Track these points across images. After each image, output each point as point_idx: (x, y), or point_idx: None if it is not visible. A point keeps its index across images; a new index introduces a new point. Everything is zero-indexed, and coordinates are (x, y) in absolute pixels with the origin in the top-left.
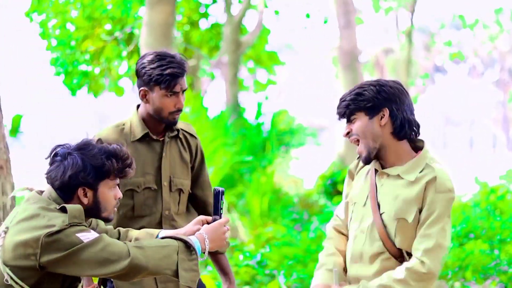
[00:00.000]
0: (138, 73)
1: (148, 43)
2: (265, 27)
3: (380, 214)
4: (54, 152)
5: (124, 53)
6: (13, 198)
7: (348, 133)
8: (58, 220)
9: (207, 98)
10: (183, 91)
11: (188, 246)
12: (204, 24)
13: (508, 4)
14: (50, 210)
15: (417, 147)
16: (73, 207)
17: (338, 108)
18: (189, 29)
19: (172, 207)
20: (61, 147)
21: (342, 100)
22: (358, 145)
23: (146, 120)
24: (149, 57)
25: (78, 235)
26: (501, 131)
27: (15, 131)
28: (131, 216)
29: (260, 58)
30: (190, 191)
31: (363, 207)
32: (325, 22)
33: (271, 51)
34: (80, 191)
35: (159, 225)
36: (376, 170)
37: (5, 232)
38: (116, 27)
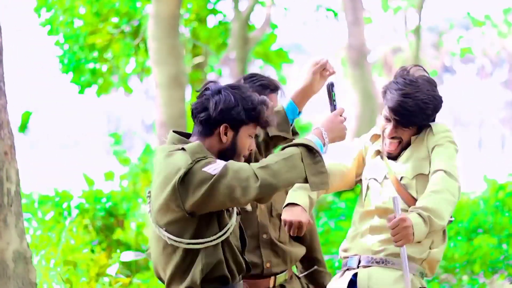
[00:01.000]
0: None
1: (155, 36)
2: (273, 24)
3: (401, 179)
4: (206, 86)
5: (131, 48)
6: (18, 184)
7: (394, 137)
8: (182, 161)
9: None
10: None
11: (310, 149)
12: (212, 20)
13: None
14: (172, 155)
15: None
16: (191, 145)
17: (395, 116)
18: (197, 26)
19: (273, 232)
20: (213, 83)
21: (398, 114)
22: (391, 145)
23: None
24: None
25: (205, 169)
26: (510, 131)
27: (23, 127)
28: None
29: (268, 55)
30: None
31: (380, 184)
32: (335, 15)
33: (279, 48)
34: (222, 128)
35: (258, 249)
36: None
37: (149, 197)
38: (123, 20)
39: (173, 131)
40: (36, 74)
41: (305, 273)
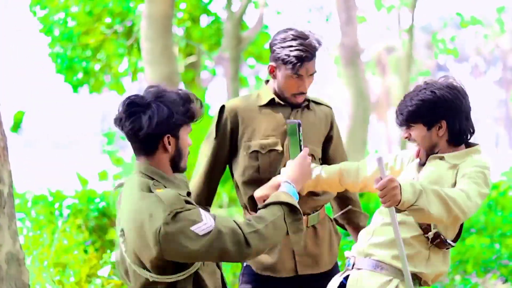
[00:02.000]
0: (270, 47)
1: (148, 36)
2: (265, 25)
3: None
4: (129, 102)
5: (124, 48)
6: (11, 185)
7: (407, 137)
8: (158, 212)
9: (208, 94)
10: (311, 74)
11: (292, 208)
12: (205, 20)
13: (510, 2)
14: (146, 198)
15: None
16: (167, 195)
17: (398, 115)
18: (190, 25)
19: None
20: (135, 96)
21: (400, 111)
22: (416, 152)
23: (275, 92)
24: (283, 34)
25: (193, 228)
26: (504, 129)
27: (16, 127)
28: (256, 177)
29: (260, 54)
30: (321, 161)
31: None
32: (327, 20)
33: None
34: (165, 139)
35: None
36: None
37: (122, 235)
38: (116, 21)
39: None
40: (30, 73)
41: (339, 213)
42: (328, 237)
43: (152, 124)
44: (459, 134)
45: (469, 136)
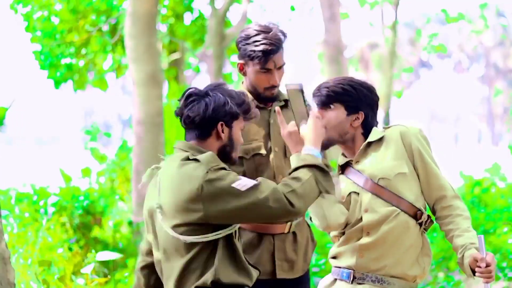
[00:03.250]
0: (236, 45)
1: (132, 34)
2: (250, 20)
3: (378, 181)
4: (189, 93)
5: (108, 46)
6: None
7: (317, 117)
8: (198, 171)
9: None
10: (280, 67)
11: (321, 168)
12: (188, 17)
13: None
14: (186, 164)
15: None
16: (205, 156)
17: (318, 92)
18: (174, 22)
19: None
20: (193, 89)
21: (325, 86)
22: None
23: (250, 92)
24: (247, 31)
25: (234, 185)
26: (486, 126)
27: None
28: None
29: None
30: None
31: (358, 194)
32: (311, 10)
33: None
34: (219, 126)
35: None
36: (349, 163)
37: (160, 208)
38: (101, 18)
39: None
40: (13, 70)
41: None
42: (305, 244)
43: (209, 110)
44: (371, 129)
45: None
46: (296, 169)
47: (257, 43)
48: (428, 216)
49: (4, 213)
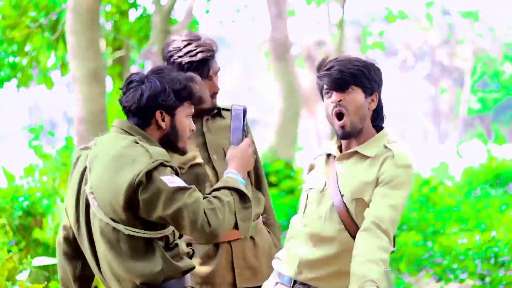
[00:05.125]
0: (167, 61)
1: (74, 30)
2: (196, 21)
3: (342, 196)
4: (129, 80)
5: (49, 43)
6: None
7: (339, 101)
8: (142, 158)
9: None
10: (216, 72)
11: (242, 194)
12: (133, 14)
13: None
14: (131, 146)
15: (378, 131)
16: (154, 148)
17: (330, 74)
18: (118, 19)
19: None
20: (135, 74)
21: (339, 69)
22: (339, 118)
23: None
24: (175, 43)
25: (163, 178)
26: (432, 124)
27: None
28: None
29: None
30: None
31: (320, 193)
32: (257, 7)
33: None
34: (157, 115)
35: None
36: (334, 157)
37: (92, 192)
38: (41, 14)
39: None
40: None
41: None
42: (268, 249)
43: (143, 98)
44: (380, 114)
45: (383, 121)
46: (217, 189)
47: (192, 53)
48: None
49: None
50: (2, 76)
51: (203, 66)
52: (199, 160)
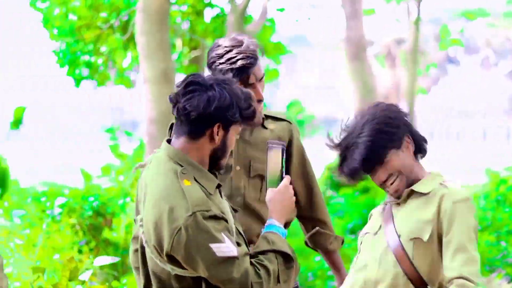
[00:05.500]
0: (209, 67)
1: (144, 31)
2: (271, 19)
3: (398, 237)
4: (190, 81)
5: (121, 42)
6: None
7: (388, 177)
8: (181, 210)
9: None
10: (261, 79)
11: (286, 255)
12: (209, 13)
13: None
14: (170, 186)
15: None
16: (192, 192)
17: (364, 161)
18: (194, 19)
19: (252, 193)
20: (195, 76)
21: (353, 167)
22: (394, 188)
23: None
24: (218, 50)
25: (212, 246)
26: None
27: (17, 123)
28: None
29: (265, 48)
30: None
31: (374, 236)
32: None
33: (277, 41)
34: (216, 127)
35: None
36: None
37: (141, 225)
38: (113, 15)
39: (167, 140)
40: (35, 67)
41: (307, 235)
42: None
43: (211, 107)
44: (420, 143)
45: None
46: (263, 252)
47: (232, 60)
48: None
49: (21, 213)
50: (78, 74)
51: (243, 73)
52: (234, 167)
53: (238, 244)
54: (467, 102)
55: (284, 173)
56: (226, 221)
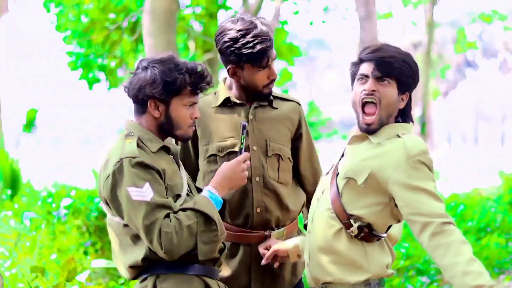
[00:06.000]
0: (222, 51)
1: (151, 31)
2: (285, 21)
3: (337, 176)
4: (137, 65)
5: (129, 43)
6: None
7: (373, 90)
8: (114, 159)
9: None
10: (274, 59)
11: (208, 217)
12: (222, 16)
13: None
14: (116, 143)
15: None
16: (127, 145)
17: (378, 59)
18: (208, 21)
19: (271, 173)
20: (144, 60)
21: (382, 55)
22: (368, 107)
23: (233, 89)
24: (231, 34)
25: (129, 189)
26: None
27: (29, 125)
28: None
29: (279, 50)
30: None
31: (325, 176)
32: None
33: (290, 43)
34: (150, 104)
35: (250, 192)
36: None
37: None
38: (120, 16)
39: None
40: (46, 70)
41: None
42: None
43: (135, 87)
44: (408, 113)
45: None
46: (184, 209)
47: (250, 44)
48: (361, 229)
49: (31, 215)
50: (91, 77)
51: (262, 57)
52: (237, 148)
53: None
54: (485, 106)
55: (243, 150)
56: (159, 172)
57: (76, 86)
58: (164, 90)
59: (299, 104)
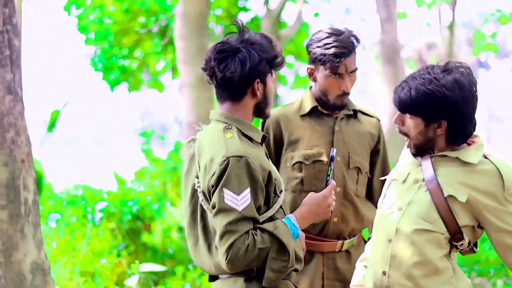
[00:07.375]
0: (307, 49)
1: (183, 35)
2: (306, 23)
3: (445, 197)
4: (220, 49)
5: (158, 47)
6: (36, 193)
7: (399, 124)
8: (219, 157)
9: None
10: (352, 72)
11: (283, 247)
12: (243, 18)
13: None
14: (217, 142)
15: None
16: (230, 141)
17: (397, 95)
18: (228, 24)
19: (350, 185)
20: (223, 44)
21: (402, 97)
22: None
23: (318, 98)
24: (318, 34)
25: (225, 190)
26: None
27: (52, 126)
28: (300, 190)
29: (299, 52)
30: (369, 175)
31: (402, 183)
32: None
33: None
34: (255, 84)
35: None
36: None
37: (199, 186)
38: (151, 20)
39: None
40: (70, 71)
41: None
42: None
43: (245, 69)
44: (460, 136)
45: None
46: (264, 230)
47: (327, 46)
48: (469, 243)
49: (56, 216)
50: (113, 79)
51: (333, 60)
52: (324, 158)
53: (272, 219)
54: (497, 106)
55: (329, 181)
56: (269, 174)
57: (94, 88)
58: (270, 66)
59: (379, 120)
